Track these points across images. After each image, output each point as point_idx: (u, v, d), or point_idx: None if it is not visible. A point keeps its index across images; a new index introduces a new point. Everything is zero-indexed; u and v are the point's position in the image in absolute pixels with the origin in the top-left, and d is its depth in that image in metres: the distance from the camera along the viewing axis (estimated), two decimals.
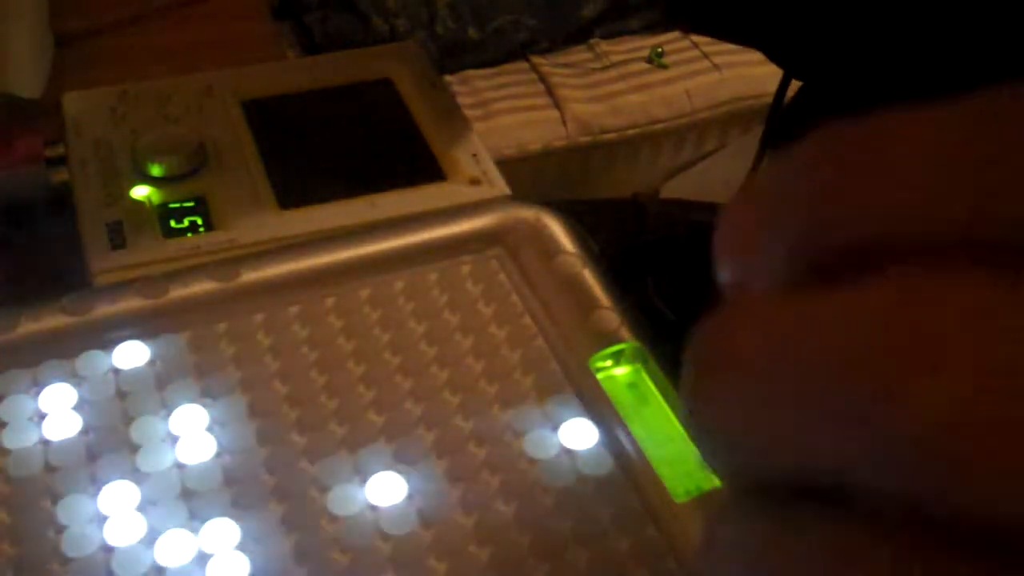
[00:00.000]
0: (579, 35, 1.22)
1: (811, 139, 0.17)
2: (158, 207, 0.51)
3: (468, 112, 0.59)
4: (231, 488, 0.38)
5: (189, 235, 0.50)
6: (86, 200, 0.51)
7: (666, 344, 0.44)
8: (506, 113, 1.12)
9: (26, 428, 0.40)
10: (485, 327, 0.45)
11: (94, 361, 0.42)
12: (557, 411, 0.41)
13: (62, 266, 0.50)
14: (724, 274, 0.18)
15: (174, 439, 0.40)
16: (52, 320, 0.43)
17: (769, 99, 0.67)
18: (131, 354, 0.42)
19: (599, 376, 0.43)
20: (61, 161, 0.56)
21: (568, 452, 0.40)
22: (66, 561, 0.36)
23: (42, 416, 0.40)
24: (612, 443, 0.40)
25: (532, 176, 1.12)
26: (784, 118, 0.53)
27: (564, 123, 1.13)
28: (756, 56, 1.19)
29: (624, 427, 0.41)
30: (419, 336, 0.44)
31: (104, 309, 0.44)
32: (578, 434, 0.40)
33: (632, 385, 0.43)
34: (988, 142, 0.14)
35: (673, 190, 1.20)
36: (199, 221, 0.51)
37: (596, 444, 0.40)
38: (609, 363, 0.44)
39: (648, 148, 1.18)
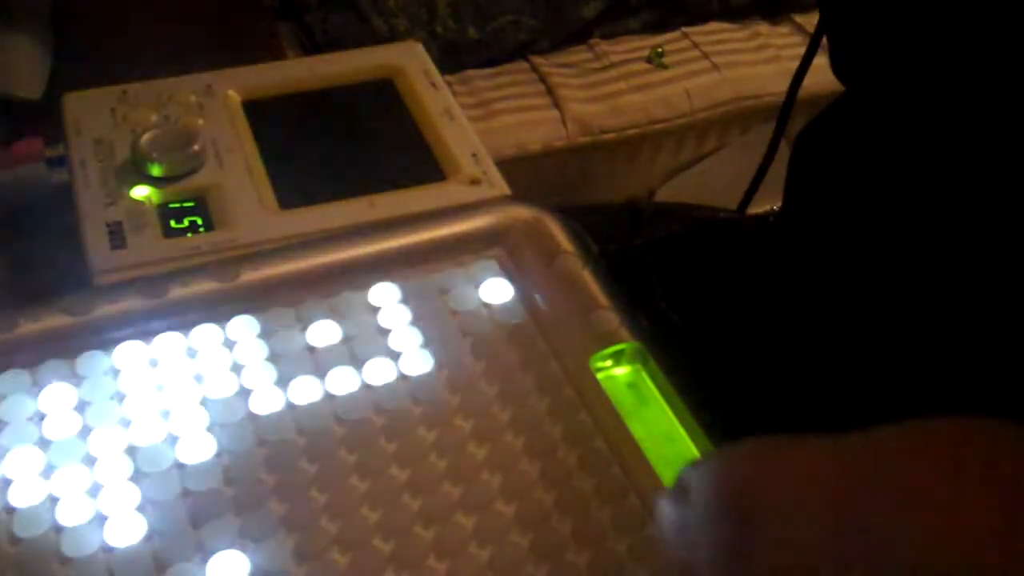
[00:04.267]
0: (579, 35, 1.22)
1: (714, 490, 0.22)
2: (158, 207, 0.51)
3: (468, 112, 0.59)
4: (231, 488, 0.38)
5: (189, 235, 0.50)
6: (86, 200, 0.51)
7: (670, 346, 0.44)
8: (506, 113, 1.12)
9: (26, 428, 0.40)
10: (485, 326, 0.44)
11: (94, 361, 0.42)
12: (557, 411, 0.41)
13: (62, 266, 0.50)
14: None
15: (174, 439, 0.40)
16: (52, 320, 0.43)
17: (769, 99, 0.67)
18: (131, 354, 0.42)
19: (599, 376, 0.43)
20: (61, 161, 0.55)
21: (569, 449, 0.40)
22: (66, 561, 0.36)
23: (42, 416, 0.40)
24: (613, 442, 0.40)
25: (532, 176, 1.12)
26: (814, 127, 0.54)
27: (564, 123, 1.13)
28: (756, 56, 1.19)
29: (622, 421, 0.41)
30: (419, 336, 0.44)
31: (104, 309, 0.43)
32: (580, 433, 0.40)
33: (632, 385, 0.43)
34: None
35: (671, 191, 1.20)
36: (199, 221, 0.51)
37: (597, 442, 0.40)
38: (609, 363, 0.44)
39: (648, 148, 1.18)
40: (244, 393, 0.41)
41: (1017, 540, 0.17)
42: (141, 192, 0.52)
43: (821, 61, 0.56)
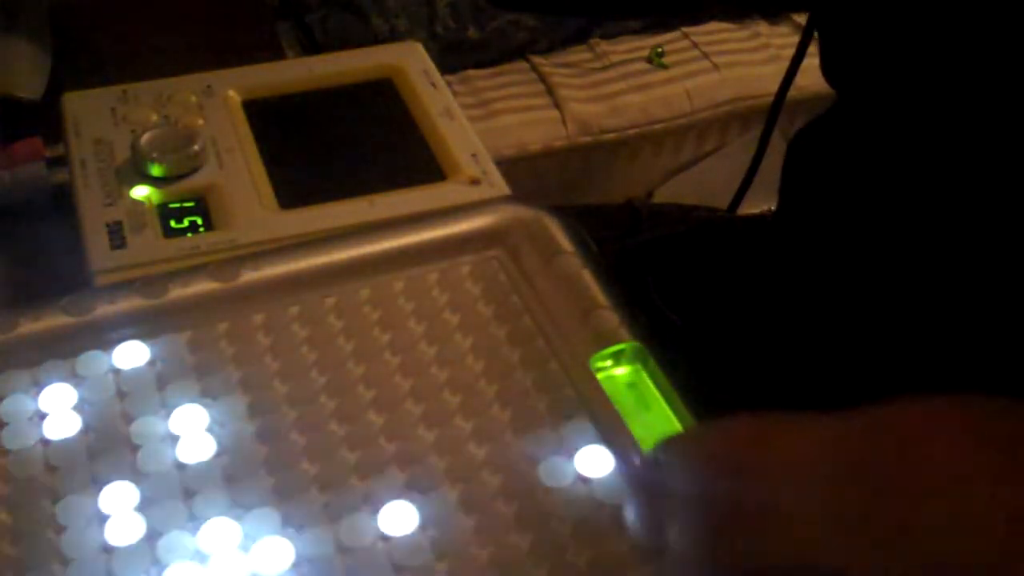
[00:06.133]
0: (579, 35, 1.22)
1: (708, 460, 0.21)
2: (158, 207, 0.51)
3: (468, 112, 0.59)
4: (231, 488, 0.38)
5: (189, 235, 0.50)
6: (86, 200, 0.51)
7: (668, 345, 0.44)
8: (506, 113, 1.12)
9: (26, 428, 0.40)
10: (485, 327, 0.44)
11: (94, 361, 0.42)
12: (557, 410, 0.41)
13: (62, 266, 0.50)
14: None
15: (174, 439, 0.40)
16: (52, 320, 0.43)
17: (769, 99, 0.67)
18: (131, 354, 0.42)
19: (599, 376, 0.43)
20: (61, 161, 0.56)
21: (568, 453, 0.40)
22: (66, 561, 0.36)
23: (42, 416, 0.40)
24: (612, 442, 0.40)
25: (532, 176, 1.12)
26: (809, 131, 0.54)
27: (564, 123, 1.13)
28: (756, 56, 1.19)
29: (625, 428, 0.41)
30: (419, 336, 0.44)
31: (104, 309, 0.43)
32: (578, 434, 0.40)
33: (632, 385, 0.43)
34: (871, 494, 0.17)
35: (671, 191, 1.20)
36: (199, 221, 0.51)
37: (595, 443, 0.40)
38: (609, 363, 0.44)
39: (648, 148, 1.18)
40: (244, 393, 0.41)
41: None
42: (141, 192, 0.52)
43: (815, 61, 0.56)
